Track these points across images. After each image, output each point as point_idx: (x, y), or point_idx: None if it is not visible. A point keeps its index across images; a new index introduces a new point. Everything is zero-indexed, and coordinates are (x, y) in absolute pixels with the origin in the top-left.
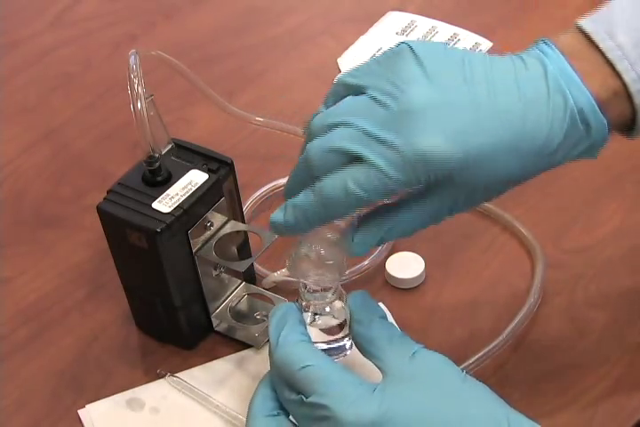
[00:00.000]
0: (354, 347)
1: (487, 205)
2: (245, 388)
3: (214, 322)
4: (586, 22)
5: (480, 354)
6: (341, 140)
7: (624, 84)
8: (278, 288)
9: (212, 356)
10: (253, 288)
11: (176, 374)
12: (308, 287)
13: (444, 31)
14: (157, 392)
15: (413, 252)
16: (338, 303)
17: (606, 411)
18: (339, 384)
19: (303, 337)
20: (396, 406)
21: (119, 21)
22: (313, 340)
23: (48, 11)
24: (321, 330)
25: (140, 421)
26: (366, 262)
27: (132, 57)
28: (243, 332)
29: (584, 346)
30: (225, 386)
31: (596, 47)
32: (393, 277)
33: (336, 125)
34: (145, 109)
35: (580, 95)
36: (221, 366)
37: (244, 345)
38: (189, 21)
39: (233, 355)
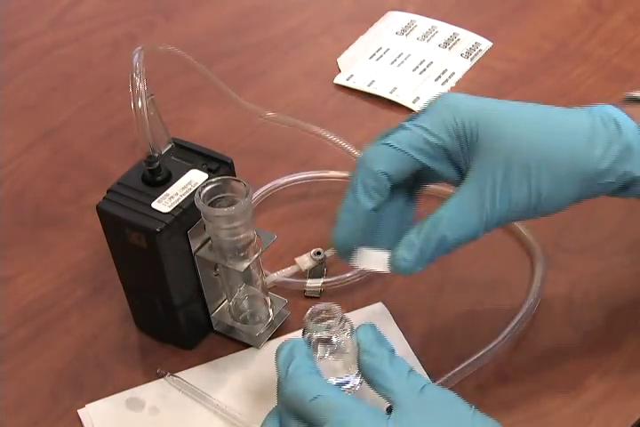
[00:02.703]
0: (363, 384)
1: None
2: (245, 388)
3: (214, 322)
4: None
5: (480, 354)
6: None
7: None
8: (278, 288)
9: (212, 356)
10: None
11: (176, 374)
12: (313, 319)
13: (443, 31)
14: (157, 392)
15: None
16: (346, 338)
17: (606, 411)
18: (356, 412)
19: (312, 370)
20: None
21: (119, 21)
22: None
23: (48, 11)
24: (330, 366)
25: (139, 421)
26: None
27: (136, 55)
28: (243, 332)
29: (584, 346)
30: (225, 386)
31: None
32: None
33: None
34: (145, 108)
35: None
36: (221, 366)
37: (243, 345)
38: (189, 21)
39: (233, 355)
